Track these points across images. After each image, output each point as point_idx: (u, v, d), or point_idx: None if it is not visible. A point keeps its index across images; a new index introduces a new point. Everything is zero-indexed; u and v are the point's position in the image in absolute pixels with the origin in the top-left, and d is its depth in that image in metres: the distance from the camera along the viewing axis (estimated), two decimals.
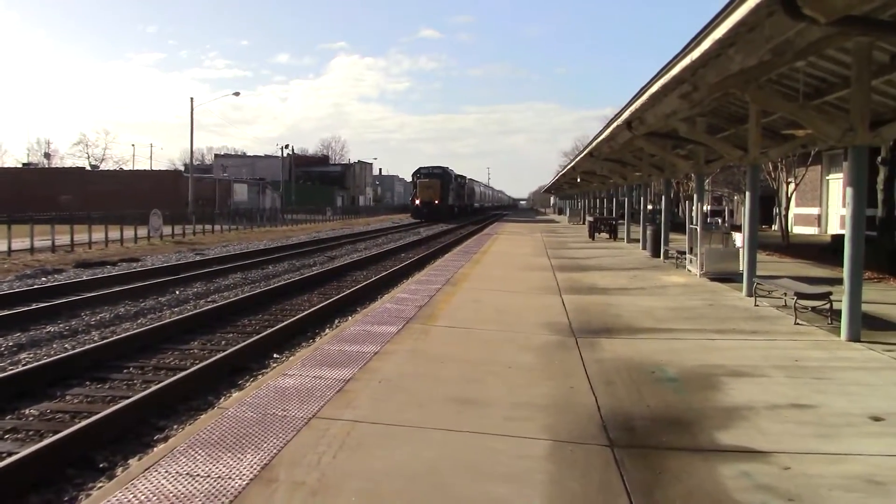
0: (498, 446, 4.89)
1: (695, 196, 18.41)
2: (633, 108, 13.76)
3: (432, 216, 60.36)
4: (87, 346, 9.34)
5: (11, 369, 8.27)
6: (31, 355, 9.24)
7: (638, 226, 26.40)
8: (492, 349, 8.02)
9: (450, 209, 64.95)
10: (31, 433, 6.39)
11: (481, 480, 4.30)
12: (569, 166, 43.05)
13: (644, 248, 23.39)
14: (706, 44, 8.50)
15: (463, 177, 78.74)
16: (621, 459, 4.62)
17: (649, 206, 31.09)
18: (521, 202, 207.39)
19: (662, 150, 18.89)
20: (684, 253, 17.37)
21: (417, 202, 63.11)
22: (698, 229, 15.85)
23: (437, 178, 63.45)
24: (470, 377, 6.73)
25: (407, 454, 4.72)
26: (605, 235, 31.69)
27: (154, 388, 7.33)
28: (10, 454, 5.63)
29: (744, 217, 13.66)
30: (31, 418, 6.81)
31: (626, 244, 27.33)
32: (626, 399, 6.03)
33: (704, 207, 18.66)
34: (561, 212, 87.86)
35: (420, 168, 66.22)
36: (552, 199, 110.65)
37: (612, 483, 4.26)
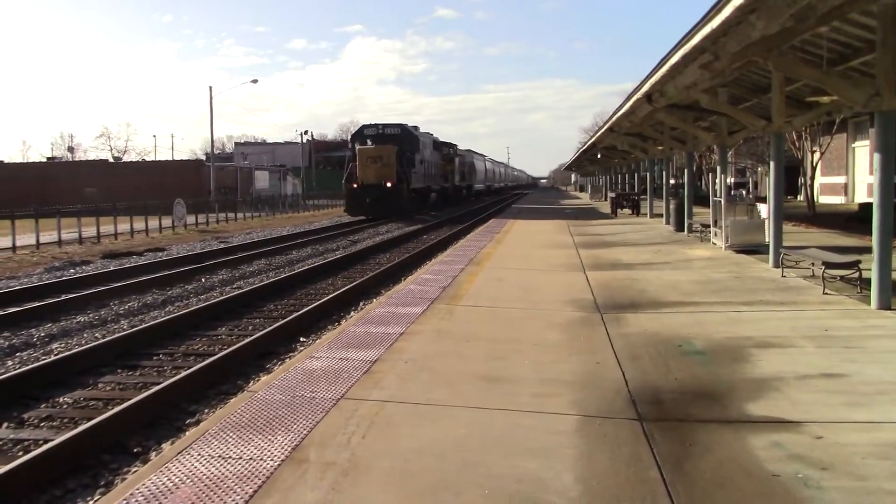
0: (526, 422, 4.89)
1: (718, 168, 18.18)
2: (652, 80, 13.58)
3: (382, 209, 35.34)
4: (116, 335, 9.48)
5: (45, 359, 8.42)
6: (63, 345, 9.39)
7: (661, 200, 26.16)
8: (517, 327, 8.02)
9: (418, 196, 40.11)
10: (65, 420, 6.50)
11: (510, 456, 4.31)
12: (589, 142, 42.71)
13: (667, 222, 23.20)
14: (727, 11, 8.35)
15: (451, 145, 54.16)
16: (650, 433, 4.61)
17: (671, 181, 30.80)
18: (542, 181, 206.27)
19: (684, 123, 18.66)
20: (708, 226, 17.20)
21: (355, 185, 35.88)
22: (722, 202, 15.67)
23: (389, 143, 36.87)
24: (496, 355, 6.73)
25: (435, 432, 4.74)
26: (627, 211, 31.48)
27: (184, 373, 7.42)
28: (46, 441, 5.74)
29: (768, 188, 13.48)
30: (65, 406, 6.93)
31: (649, 219, 27.12)
32: (654, 373, 6.00)
33: (728, 179, 18.42)
34: (582, 189, 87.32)
35: (363, 128, 39.53)
36: (573, 176, 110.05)
37: (642, 456, 4.25)
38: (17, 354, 8.90)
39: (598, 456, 4.26)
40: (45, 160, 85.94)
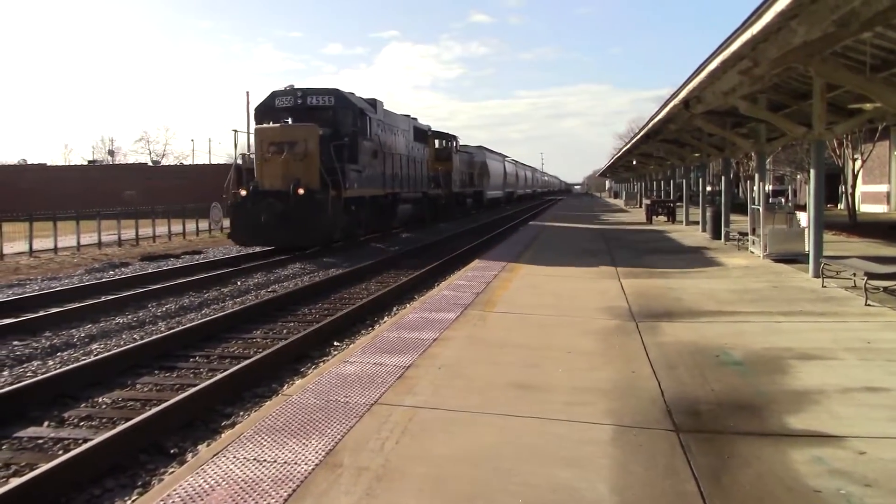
0: (560, 431, 4.85)
1: (756, 175, 17.92)
2: (690, 86, 13.45)
3: (290, 234, 20.04)
4: (154, 336, 9.62)
5: (84, 359, 8.58)
6: (103, 346, 9.55)
7: (697, 208, 25.84)
8: (550, 334, 7.97)
9: (373, 211, 24.81)
10: (104, 420, 6.61)
11: (544, 465, 4.28)
12: (624, 149, 42.42)
13: (704, 230, 22.91)
14: (767, 17, 8.24)
15: (447, 136, 40.38)
16: (687, 444, 4.54)
17: (708, 188, 30.42)
18: (576, 187, 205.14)
19: (721, 129, 18.43)
20: (746, 234, 16.95)
21: (243, 192, 20.68)
22: (761, 209, 15.43)
23: (311, 121, 21.29)
24: (529, 362, 6.70)
25: (469, 440, 4.73)
26: (662, 218, 31.17)
27: (220, 376, 7.50)
28: (85, 440, 5.85)
29: (808, 196, 13.23)
30: (104, 406, 7.05)
31: (684, 227, 26.81)
32: (690, 383, 5.91)
33: (766, 187, 18.13)
34: (616, 195, 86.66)
35: (273, 95, 22.71)
36: (607, 182, 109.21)
37: (679, 468, 4.19)
38: (59, 354, 9.07)
39: (634, 467, 4.21)
40: (86, 163, 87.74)
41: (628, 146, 37.69)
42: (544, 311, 9.41)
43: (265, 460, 4.38)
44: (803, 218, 15.27)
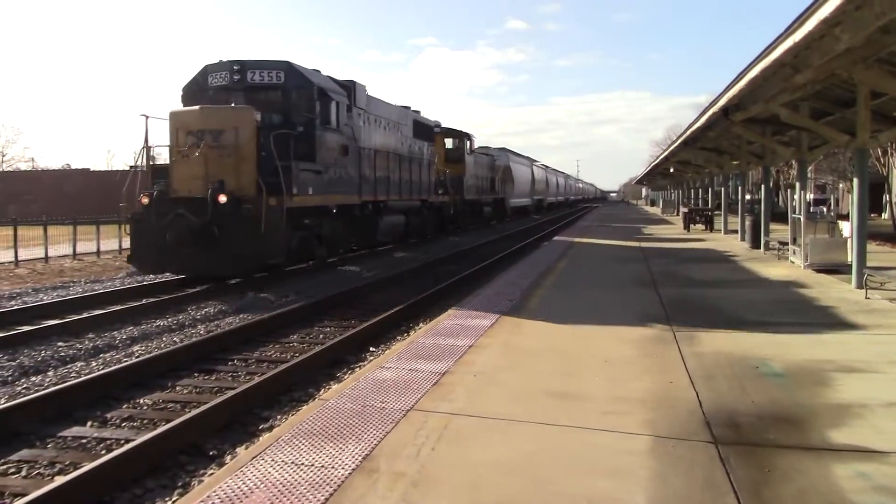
0: (597, 441, 4.83)
1: (797, 184, 17.62)
2: (730, 93, 13.30)
3: (208, 261, 14.23)
4: (194, 339, 9.78)
5: (126, 361, 8.76)
6: (144, 348, 9.73)
7: (735, 216, 25.49)
8: (587, 342, 7.92)
9: (343, 227, 19.08)
10: (145, 421, 6.73)
11: (581, 475, 4.26)
12: (661, 156, 42.04)
13: (742, 239, 22.59)
14: (810, 24, 8.12)
15: (461, 134, 35.17)
16: (726, 457, 4.48)
17: (747, 196, 29.99)
18: (612, 194, 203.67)
19: (762, 137, 18.17)
20: (786, 244, 16.67)
21: (145, 200, 14.85)
22: (802, 218, 15.18)
23: (250, 104, 15.66)
24: (565, 371, 6.67)
25: (505, 447, 4.72)
26: (700, 227, 30.79)
27: (258, 379, 7.59)
28: (127, 441, 5.96)
29: (851, 205, 12.98)
30: (145, 407, 7.18)
31: (723, 235, 26.46)
32: (729, 394, 5.83)
33: (808, 196, 17.83)
34: (653, 203, 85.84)
35: (207, 70, 16.65)
36: (644, 190, 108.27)
37: (718, 481, 4.13)
38: (101, 356, 9.27)
39: (672, 479, 4.17)
40: (128, 168, 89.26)
41: (666, 153, 37.34)
42: (580, 319, 9.34)
43: (303, 464, 4.43)
44: (846, 227, 15.00)
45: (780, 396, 5.77)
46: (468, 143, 35.47)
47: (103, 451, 5.86)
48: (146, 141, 15.53)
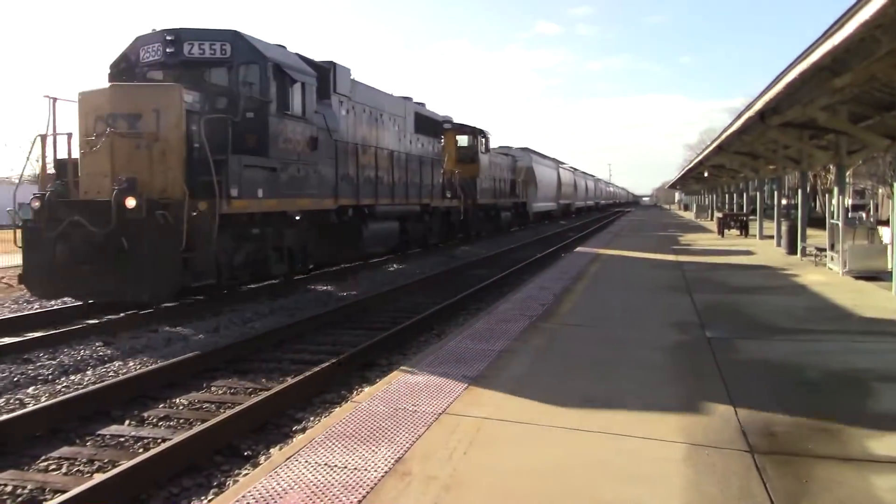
0: (630, 447, 4.79)
1: (835, 189, 17.32)
2: (766, 97, 13.11)
3: (113, 286, 11.04)
4: (229, 341, 9.90)
5: (163, 361, 8.90)
6: (181, 348, 9.88)
7: (771, 221, 25.11)
8: (619, 348, 7.87)
9: (306, 242, 15.45)
10: (181, 421, 6.84)
11: (614, 481, 4.24)
12: (695, 160, 41.57)
13: (778, 244, 22.25)
14: (850, 27, 7.98)
15: (476, 130, 31.77)
16: (762, 466, 4.42)
17: (783, 201, 29.53)
18: (644, 198, 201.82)
19: (799, 142, 17.87)
20: (823, 250, 16.39)
21: (36, 204, 11.57)
22: (840, 224, 14.91)
23: (188, 82, 12.43)
24: (598, 376, 6.63)
25: (537, 453, 4.71)
26: (735, 232, 30.39)
27: (291, 381, 7.67)
28: (164, 440, 6.07)
29: (892, 211, 12.72)
30: (181, 407, 7.29)
31: (758, 241, 26.09)
32: (765, 403, 5.75)
33: (846, 201, 17.51)
34: (686, 208, 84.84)
35: (138, 44, 13.42)
36: (677, 194, 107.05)
37: (754, 490, 4.08)
38: (138, 356, 9.42)
39: (707, 487, 4.12)
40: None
41: (700, 158, 36.91)
42: (613, 325, 9.27)
43: (336, 466, 4.46)
44: (886, 234, 14.69)
45: (818, 405, 5.67)
46: (482, 140, 31.96)
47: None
48: (49, 129, 12.07)
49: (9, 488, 5.27)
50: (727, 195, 47.12)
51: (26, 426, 6.36)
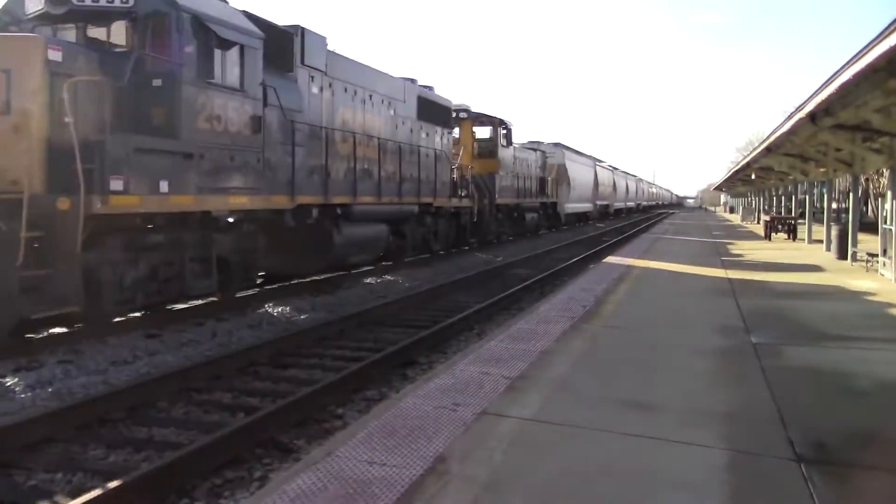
0: (673, 453, 4.72)
1: (888, 193, 16.83)
2: (818, 98, 12.82)
3: None
4: (270, 337, 10.03)
5: (209, 353, 9.07)
6: (227, 339, 10.05)
7: (820, 226, 24.55)
8: (662, 352, 7.76)
9: (261, 254, 12.68)
10: (225, 414, 6.95)
11: (657, 487, 4.18)
12: (742, 162, 40.84)
13: (828, 249, 21.72)
14: None
15: (497, 122, 28.09)
16: (810, 476, 4.32)
17: (833, 204, 28.83)
18: (689, 200, 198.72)
19: (851, 144, 17.43)
20: (875, 255, 15.94)
21: None
22: (893, 229, 14.49)
23: (82, 42, 10.17)
24: (640, 380, 6.55)
25: (577, 455, 4.68)
26: (782, 236, 29.78)
27: (333, 377, 7.74)
28: (208, 432, 6.17)
29: None
30: (225, 401, 7.41)
31: (806, 245, 25.52)
32: (814, 411, 5.62)
33: None
34: (732, 210, 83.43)
35: None
36: (722, 196, 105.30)
37: (802, 501, 3.99)
38: (183, 349, 9.60)
39: (753, 497, 4.04)
40: None
41: (747, 159, 36.23)
42: (656, 328, 9.15)
43: (375, 462, 4.49)
44: None
45: (869, 415, 5.53)
46: (503, 132, 27.97)
47: None
48: None
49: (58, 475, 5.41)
50: (774, 198, 46.18)
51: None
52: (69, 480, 5.36)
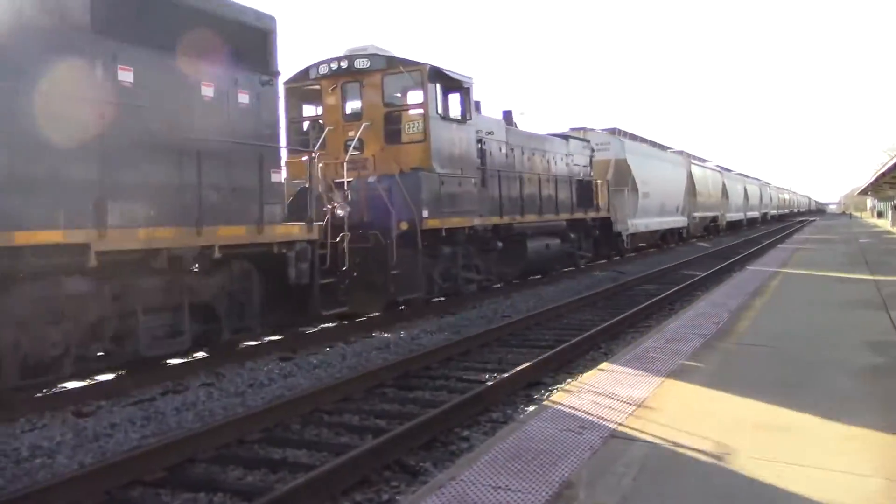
0: (822, 479, 4.38)
1: None
2: None
3: None
4: (397, 358, 10.18)
5: (339, 376, 9.33)
6: (354, 362, 10.30)
7: None
8: (804, 371, 7.27)
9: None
10: (353, 436, 7.10)
11: None
12: (889, 163, 38.00)
13: None
14: None
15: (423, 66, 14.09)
16: None
17: None
18: (831, 206, 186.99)
19: None
20: None
21: None
22: None
23: None
24: (780, 402, 6.14)
25: (714, 483, 4.44)
26: None
27: (457, 399, 7.75)
28: (339, 454, 6.32)
29: None
30: (352, 422, 7.57)
31: None
32: None
33: None
34: (880, 215, 77.67)
35: None
36: (868, 201, 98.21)
37: None
38: (315, 371, 9.89)
39: None
40: None
41: None
42: (796, 344, 8.58)
43: (500, 487, 4.43)
44: None
45: None
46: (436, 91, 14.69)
47: None
48: None
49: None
50: None
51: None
52: (210, 500, 5.63)
